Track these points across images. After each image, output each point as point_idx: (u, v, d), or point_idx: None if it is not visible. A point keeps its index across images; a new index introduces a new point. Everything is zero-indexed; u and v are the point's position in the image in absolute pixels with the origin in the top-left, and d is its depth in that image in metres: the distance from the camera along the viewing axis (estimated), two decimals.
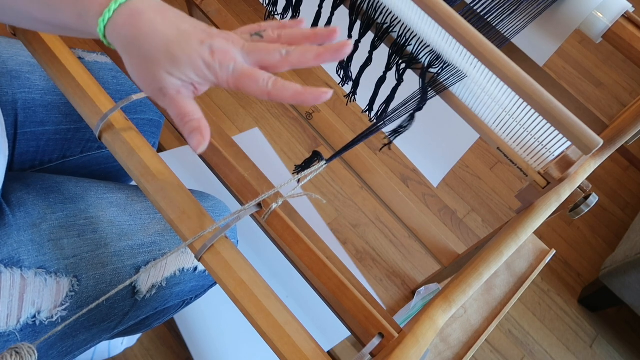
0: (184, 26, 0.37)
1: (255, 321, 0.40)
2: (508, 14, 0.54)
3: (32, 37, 0.51)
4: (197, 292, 0.66)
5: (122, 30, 0.37)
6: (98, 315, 0.54)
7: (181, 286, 0.61)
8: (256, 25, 0.41)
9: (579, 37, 1.90)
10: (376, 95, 0.61)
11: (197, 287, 0.65)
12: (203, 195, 0.64)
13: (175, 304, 0.64)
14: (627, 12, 0.58)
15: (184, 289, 0.62)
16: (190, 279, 0.62)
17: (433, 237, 0.88)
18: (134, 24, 0.36)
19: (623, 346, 1.28)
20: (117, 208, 0.58)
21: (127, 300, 0.56)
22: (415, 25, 0.50)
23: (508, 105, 0.47)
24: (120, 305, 0.56)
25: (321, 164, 0.48)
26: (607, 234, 1.47)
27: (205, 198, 0.64)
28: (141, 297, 0.57)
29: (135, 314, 0.59)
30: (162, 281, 0.58)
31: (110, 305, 0.55)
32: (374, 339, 0.43)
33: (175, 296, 0.62)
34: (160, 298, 0.60)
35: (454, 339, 0.54)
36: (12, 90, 0.59)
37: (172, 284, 0.60)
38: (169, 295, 0.61)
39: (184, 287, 0.62)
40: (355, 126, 1.43)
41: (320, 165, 0.48)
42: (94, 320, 0.54)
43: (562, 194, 0.52)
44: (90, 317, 0.54)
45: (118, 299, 0.55)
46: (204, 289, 0.67)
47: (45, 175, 0.59)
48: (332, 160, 0.49)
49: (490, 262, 0.47)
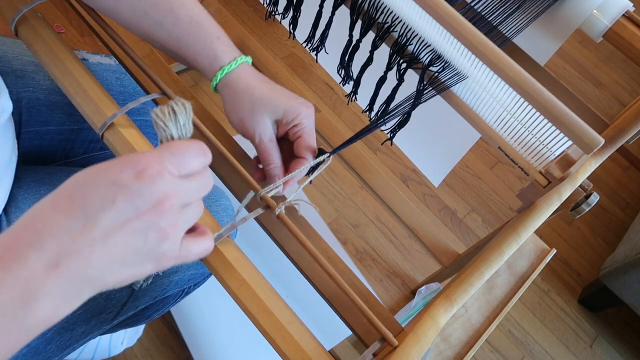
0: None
1: (257, 320, 0.40)
2: (509, 13, 0.54)
3: (34, 38, 0.51)
4: (196, 280, 0.66)
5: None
6: (95, 307, 0.54)
7: (179, 274, 0.61)
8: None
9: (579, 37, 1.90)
10: (377, 95, 0.61)
11: (196, 275, 0.65)
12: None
13: (174, 293, 0.64)
14: (628, 11, 0.58)
15: (183, 277, 0.62)
16: (188, 266, 0.62)
17: (433, 237, 0.88)
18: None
19: (623, 346, 1.28)
20: None
21: (124, 290, 0.56)
22: (416, 25, 0.50)
23: (509, 104, 0.47)
24: (117, 295, 0.56)
25: (325, 155, 0.49)
26: (607, 234, 1.47)
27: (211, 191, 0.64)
28: (138, 287, 0.57)
29: (133, 304, 0.59)
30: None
31: (107, 296, 0.55)
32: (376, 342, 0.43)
33: (173, 285, 0.62)
34: (158, 287, 0.60)
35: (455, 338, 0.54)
36: (16, 89, 0.59)
37: (170, 272, 0.60)
38: (167, 284, 0.61)
39: (182, 275, 0.62)
40: (355, 126, 1.43)
41: (325, 156, 0.49)
42: (91, 312, 0.54)
43: (563, 193, 0.52)
44: (87, 309, 0.53)
45: (115, 289, 0.55)
46: (203, 277, 0.66)
47: (37, 168, 0.59)
48: (337, 152, 0.51)
49: (492, 261, 0.47)
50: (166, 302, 0.66)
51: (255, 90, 0.46)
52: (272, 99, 0.46)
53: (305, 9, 0.62)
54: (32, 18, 0.52)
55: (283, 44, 1.54)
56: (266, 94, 0.46)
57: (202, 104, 0.62)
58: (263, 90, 0.46)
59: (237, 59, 0.47)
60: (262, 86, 0.47)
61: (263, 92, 0.46)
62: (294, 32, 0.66)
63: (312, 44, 0.64)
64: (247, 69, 0.47)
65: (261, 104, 0.46)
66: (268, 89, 0.47)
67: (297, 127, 0.47)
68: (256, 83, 0.47)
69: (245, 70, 0.47)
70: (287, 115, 0.46)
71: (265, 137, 0.47)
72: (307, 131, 0.47)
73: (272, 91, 0.47)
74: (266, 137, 0.47)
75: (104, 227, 0.28)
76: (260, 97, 0.46)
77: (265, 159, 0.48)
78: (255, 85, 0.47)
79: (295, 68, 1.50)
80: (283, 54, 1.52)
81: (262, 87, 0.47)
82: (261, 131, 0.47)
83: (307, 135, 0.47)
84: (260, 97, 0.46)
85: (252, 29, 1.54)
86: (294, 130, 0.47)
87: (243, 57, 0.47)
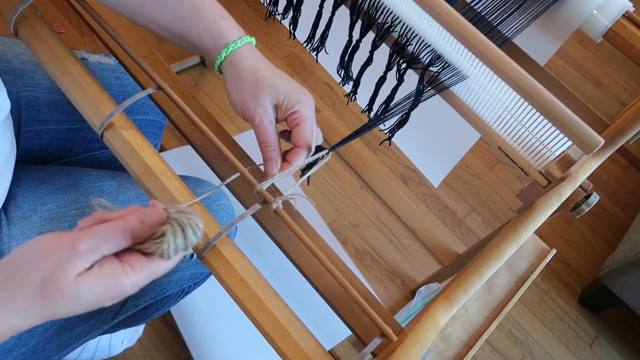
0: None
1: (257, 320, 0.40)
2: (509, 13, 0.54)
3: (33, 37, 0.51)
4: (195, 279, 0.65)
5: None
6: None
7: (179, 274, 0.61)
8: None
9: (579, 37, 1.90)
10: (376, 95, 0.61)
11: (196, 275, 0.64)
12: (198, 182, 0.64)
13: (174, 292, 0.64)
14: (628, 11, 0.58)
15: (182, 277, 0.62)
16: (187, 266, 0.62)
17: (433, 237, 0.88)
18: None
19: (623, 346, 1.28)
20: (108, 196, 0.58)
21: None
22: (416, 25, 0.50)
23: (509, 104, 0.47)
24: None
25: (323, 152, 0.49)
26: (607, 234, 1.47)
27: (204, 186, 0.64)
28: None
29: (133, 303, 0.59)
30: None
31: None
32: (376, 338, 0.43)
33: (173, 284, 0.62)
34: (158, 286, 0.60)
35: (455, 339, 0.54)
36: (15, 88, 0.59)
37: (170, 272, 0.60)
38: (167, 283, 0.60)
39: (182, 274, 0.62)
40: (355, 126, 1.43)
41: (323, 153, 0.49)
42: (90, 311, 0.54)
43: (563, 193, 0.52)
44: None
45: None
46: (203, 276, 0.66)
47: (37, 167, 0.59)
48: (336, 148, 0.50)
49: (492, 261, 0.47)
50: (166, 301, 0.66)
51: (260, 71, 0.46)
52: (275, 82, 0.46)
53: (305, 9, 0.62)
54: (32, 17, 0.52)
55: (283, 44, 1.54)
56: (269, 76, 0.46)
57: (202, 104, 0.62)
58: (267, 72, 0.46)
59: (243, 38, 0.47)
60: (266, 68, 0.47)
61: (267, 74, 0.46)
62: (294, 32, 0.66)
63: (312, 44, 0.64)
64: (252, 50, 0.47)
65: (264, 85, 0.46)
66: (272, 71, 0.47)
67: (295, 114, 0.47)
68: (260, 64, 0.47)
69: (250, 50, 0.47)
70: (288, 100, 0.46)
71: (265, 119, 0.47)
72: (305, 119, 0.47)
73: (275, 75, 0.46)
74: (266, 119, 0.47)
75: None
76: (263, 77, 0.46)
77: (263, 141, 0.47)
78: (259, 66, 0.46)
79: (295, 68, 1.50)
80: (283, 54, 1.52)
81: (266, 68, 0.46)
82: (262, 112, 0.46)
83: (305, 124, 0.47)
84: (263, 78, 0.46)
85: (252, 29, 1.54)
86: (293, 117, 0.47)
87: (248, 37, 0.47)
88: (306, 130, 0.47)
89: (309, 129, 0.47)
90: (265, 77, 0.46)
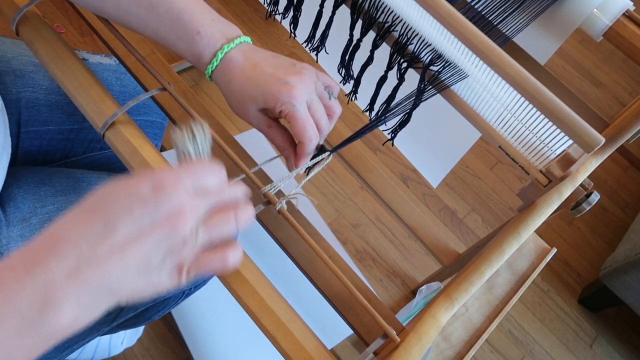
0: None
1: (259, 319, 0.40)
2: (509, 12, 0.54)
3: (35, 37, 0.51)
4: (196, 282, 0.65)
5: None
6: None
7: None
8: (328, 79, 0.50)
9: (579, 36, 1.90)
10: (377, 95, 0.61)
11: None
12: None
13: (174, 294, 0.64)
14: (628, 10, 0.58)
15: None
16: None
17: (433, 236, 0.88)
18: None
19: (623, 346, 1.28)
20: None
21: None
22: (417, 25, 0.50)
23: (510, 103, 0.47)
24: None
25: (325, 154, 0.49)
26: (607, 234, 1.47)
27: None
28: None
29: (133, 306, 0.59)
30: None
31: None
32: (378, 338, 0.43)
33: None
34: None
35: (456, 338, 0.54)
36: (16, 88, 0.59)
37: None
38: None
39: None
40: (356, 126, 1.43)
41: (326, 154, 0.49)
42: None
43: (564, 192, 0.52)
44: None
45: None
46: (204, 279, 0.66)
47: (37, 169, 0.59)
48: (337, 150, 0.50)
49: (492, 260, 0.47)
50: (167, 303, 0.66)
51: (235, 85, 0.44)
52: (251, 91, 0.44)
53: (306, 9, 0.62)
54: (34, 18, 0.52)
55: (283, 44, 1.54)
56: (246, 86, 0.44)
57: (202, 104, 0.62)
58: (242, 81, 0.44)
59: (218, 53, 0.44)
60: (241, 76, 0.44)
61: (243, 84, 0.44)
62: (294, 32, 0.66)
63: (312, 43, 0.64)
64: (229, 61, 0.44)
65: (242, 98, 0.45)
66: (245, 78, 0.44)
67: (282, 113, 0.44)
68: (235, 73, 0.44)
69: (227, 63, 0.44)
70: (267, 104, 0.44)
71: (262, 125, 0.46)
72: (292, 115, 0.44)
73: (251, 80, 0.44)
74: (263, 125, 0.46)
75: (122, 235, 0.29)
76: (240, 90, 0.44)
77: (273, 143, 0.48)
78: (234, 77, 0.44)
79: None
80: (283, 54, 1.52)
81: (240, 77, 0.44)
82: (255, 121, 0.46)
83: (294, 120, 0.44)
84: (240, 91, 0.44)
85: (252, 29, 1.54)
86: (282, 117, 0.45)
87: (225, 48, 0.44)
88: (296, 127, 0.44)
89: (299, 124, 0.44)
90: (242, 88, 0.44)
